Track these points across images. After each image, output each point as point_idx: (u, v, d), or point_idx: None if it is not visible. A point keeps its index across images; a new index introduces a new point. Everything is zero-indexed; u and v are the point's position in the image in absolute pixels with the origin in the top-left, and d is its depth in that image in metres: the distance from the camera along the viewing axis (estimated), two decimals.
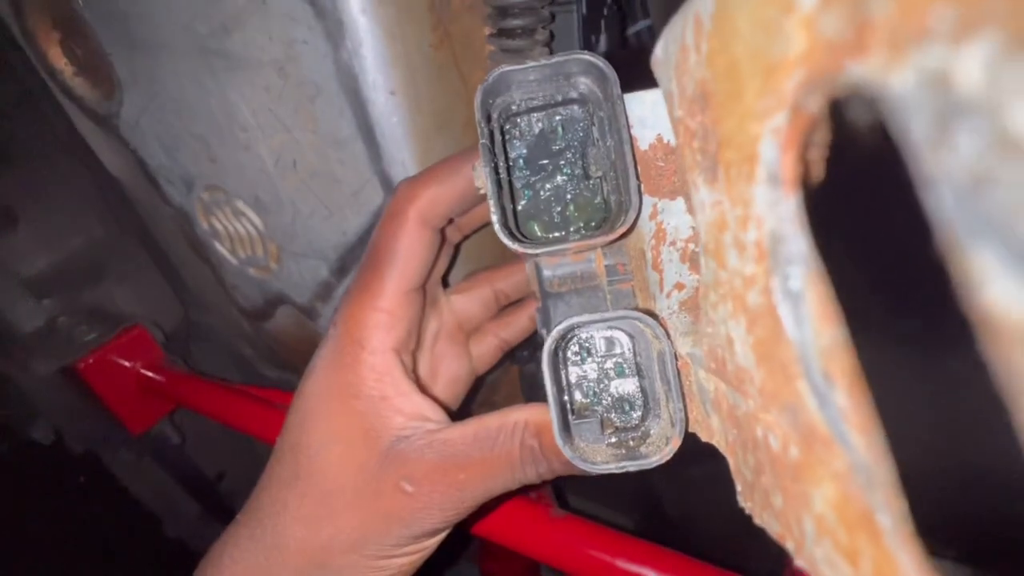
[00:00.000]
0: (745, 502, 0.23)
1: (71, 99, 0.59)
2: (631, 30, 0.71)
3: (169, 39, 0.45)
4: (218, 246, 0.62)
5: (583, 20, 0.45)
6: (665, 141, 0.29)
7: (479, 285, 0.43)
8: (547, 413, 0.28)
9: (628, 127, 0.27)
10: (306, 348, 0.64)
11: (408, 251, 0.33)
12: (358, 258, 0.52)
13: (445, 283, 0.43)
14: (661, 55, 0.24)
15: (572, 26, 0.45)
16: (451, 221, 0.36)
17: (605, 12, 0.52)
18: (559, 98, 0.29)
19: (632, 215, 0.26)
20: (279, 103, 0.44)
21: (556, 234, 0.31)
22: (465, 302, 0.42)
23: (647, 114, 0.28)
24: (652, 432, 0.29)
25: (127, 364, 0.86)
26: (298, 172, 0.48)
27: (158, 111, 0.52)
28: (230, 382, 0.81)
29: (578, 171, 0.30)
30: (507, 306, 0.45)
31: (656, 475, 0.37)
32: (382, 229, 0.34)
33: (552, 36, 0.40)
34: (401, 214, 0.33)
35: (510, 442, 0.29)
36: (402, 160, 0.43)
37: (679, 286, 0.31)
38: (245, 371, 0.87)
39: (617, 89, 0.27)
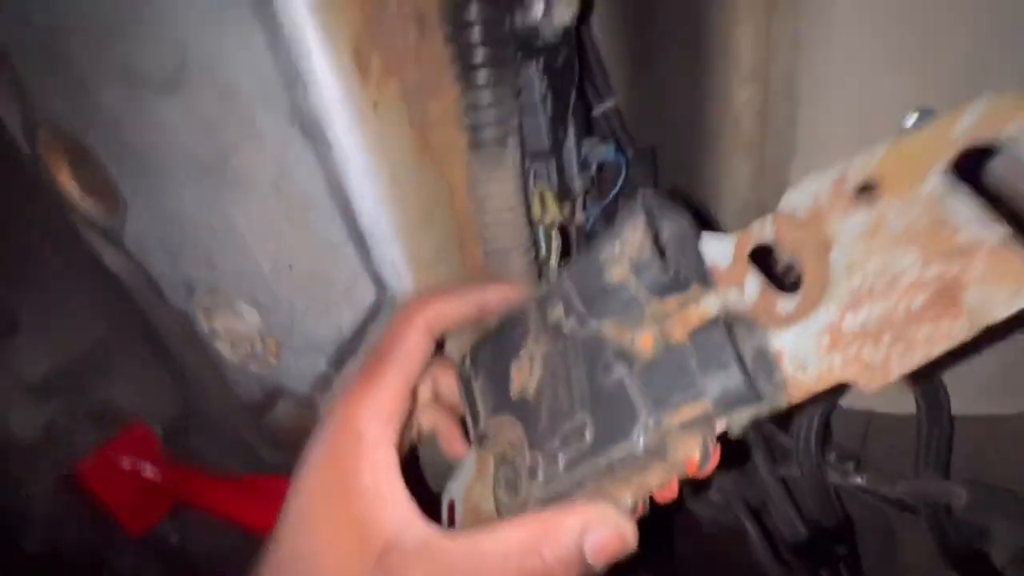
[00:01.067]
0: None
1: (77, 215, 0.62)
2: (597, 110, 0.77)
3: (171, 164, 0.49)
4: (219, 344, 0.64)
5: (549, 121, 0.49)
6: None
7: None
8: (552, 536, 0.27)
9: None
10: (306, 435, 0.65)
11: (411, 352, 0.36)
12: (354, 351, 0.54)
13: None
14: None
15: (540, 128, 0.49)
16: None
17: (570, 106, 0.56)
18: None
19: None
20: (275, 214, 0.47)
21: None
22: (446, 380, 0.43)
23: None
24: None
25: (127, 464, 0.86)
26: (294, 274, 0.51)
27: (160, 225, 0.55)
28: (231, 473, 0.80)
29: None
30: None
31: None
32: (391, 331, 0.38)
33: (523, 141, 0.44)
34: (409, 319, 0.37)
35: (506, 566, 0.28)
36: (391, 260, 0.45)
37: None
38: (247, 458, 0.87)
39: None
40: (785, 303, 0.24)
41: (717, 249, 0.27)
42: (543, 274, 0.56)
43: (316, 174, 0.42)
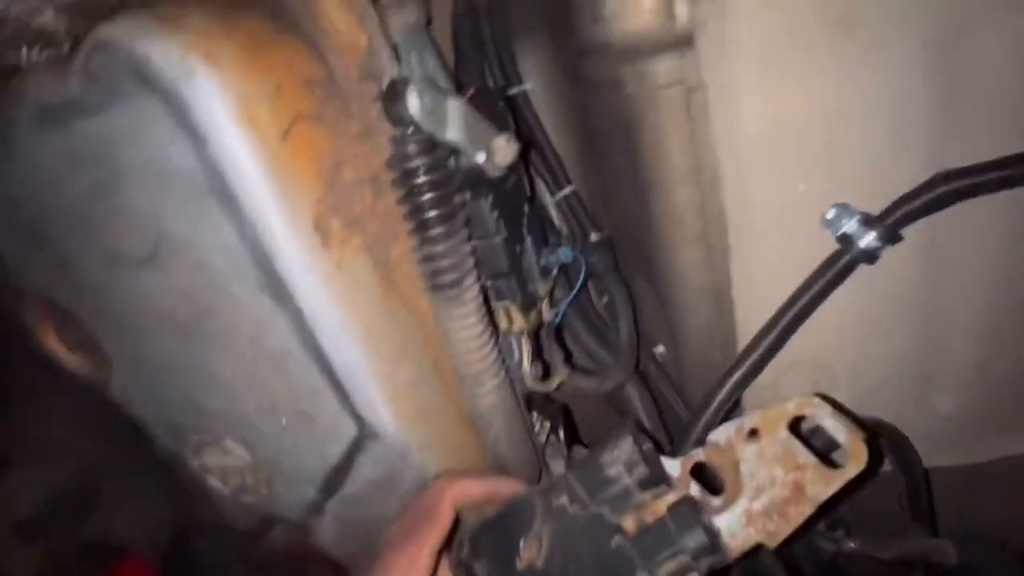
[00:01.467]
0: None
1: (65, 370, 0.64)
2: (558, 195, 0.82)
3: (153, 325, 0.52)
4: (210, 478, 0.65)
5: (504, 243, 0.53)
6: None
7: None
8: None
9: None
10: (301, 556, 0.65)
11: (443, 521, 0.45)
12: (341, 479, 0.55)
13: None
14: None
15: (496, 252, 0.52)
16: None
17: (524, 221, 0.61)
18: None
19: None
20: (254, 365, 0.50)
21: None
22: None
23: None
24: None
25: None
26: (279, 415, 0.53)
27: (146, 377, 0.58)
28: None
29: None
30: None
31: None
32: (427, 501, 0.46)
33: (479, 276, 0.48)
34: (442, 494, 0.46)
35: None
36: (369, 399, 0.48)
37: None
38: None
39: None
40: (716, 501, 0.39)
41: (671, 465, 0.42)
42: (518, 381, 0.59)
43: (289, 332, 0.45)
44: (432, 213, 0.43)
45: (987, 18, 0.41)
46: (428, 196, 0.42)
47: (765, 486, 0.37)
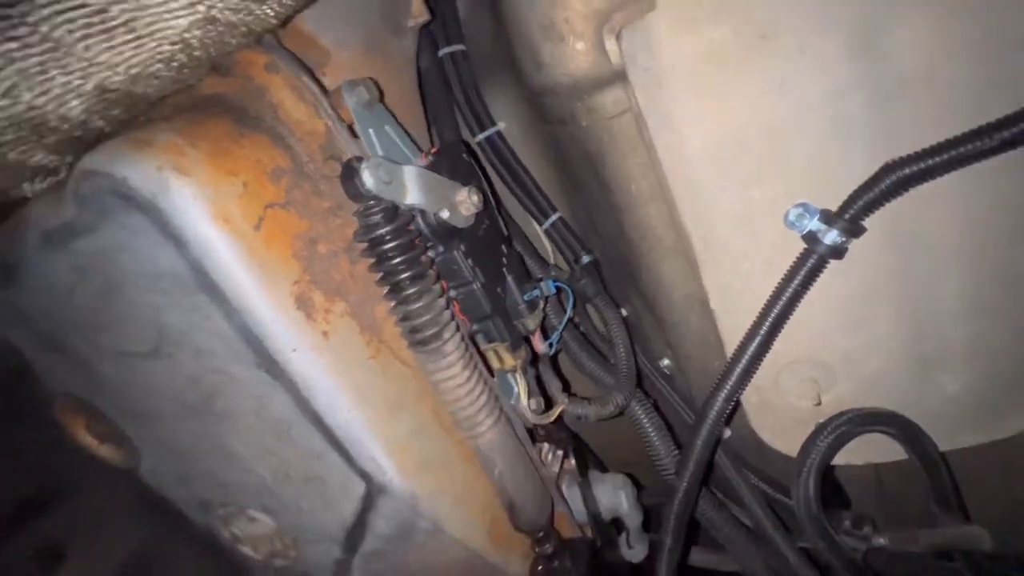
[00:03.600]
0: None
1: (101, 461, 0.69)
2: (546, 224, 0.84)
3: (167, 410, 0.55)
4: (242, 548, 0.68)
5: (483, 288, 0.55)
6: None
7: None
8: None
9: None
10: None
11: None
12: (360, 536, 0.57)
13: None
14: None
15: (476, 298, 0.55)
16: None
17: (504, 261, 0.63)
18: None
19: None
20: (263, 436, 0.53)
21: None
22: None
23: None
24: None
25: None
26: (293, 480, 0.56)
27: (169, 459, 0.61)
28: None
29: None
30: None
31: None
32: None
33: (457, 327, 0.50)
34: None
35: None
36: (371, 456, 0.50)
37: None
38: None
39: None
40: None
41: None
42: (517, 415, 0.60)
43: (288, 403, 0.48)
44: (402, 276, 0.45)
45: (902, 13, 0.43)
46: (395, 260, 0.45)
47: None
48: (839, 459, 0.62)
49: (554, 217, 0.83)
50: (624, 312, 0.78)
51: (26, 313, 0.55)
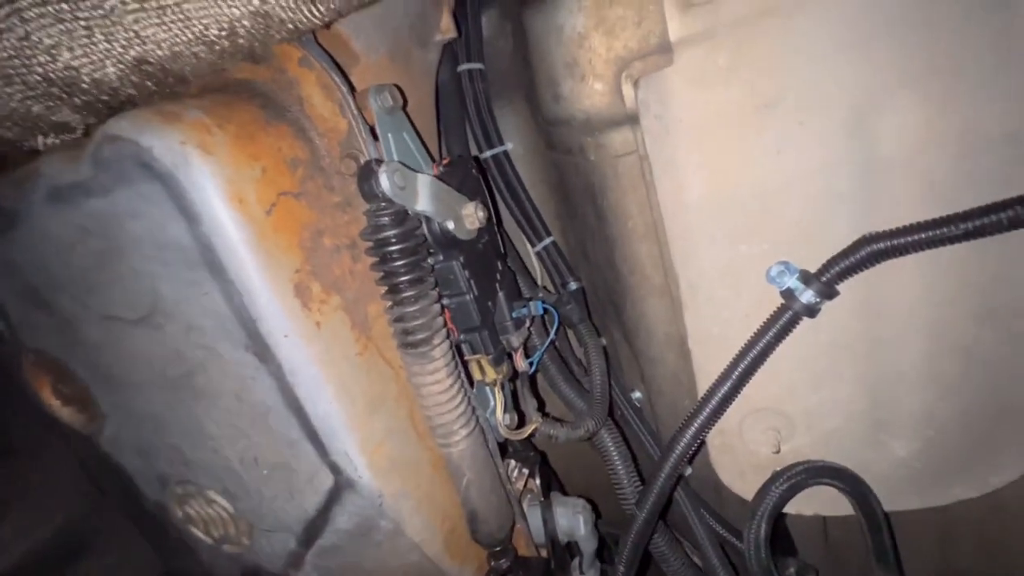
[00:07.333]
0: None
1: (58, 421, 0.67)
2: (538, 247, 0.86)
3: (145, 380, 0.55)
4: (193, 529, 0.67)
5: (475, 300, 0.57)
6: None
7: None
8: None
9: None
10: None
11: None
12: (319, 529, 0.57)
13: None
14: None
15: (468, 309, 0.56)
16: None
17: (498, 277, 0.65)
18: None
19: None
20: (239, 418, 0.53)
21: None
22: None
23: None
24: None
25: None
26: (260, 466, 0.56)
27: (136, 429, 0.60)
28: None
29: None
30: None
31: None
32: None
33: (448, 334, 0.51)
34: None
35: None
36: (344, 450, 0.51)
37: None
38: None
39: None
40: None
41: None
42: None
43: (271, 388, 0.49)
44: (402, 278, 0.47)
45: (893, 99, 0.47)
46: (398, 263, 0.47)
47: None
48: (790, 508, 0.65)
49: (547, 241, 0.85)
50: (603, 341, 0.81)
51: (17, 263, 0.55)
